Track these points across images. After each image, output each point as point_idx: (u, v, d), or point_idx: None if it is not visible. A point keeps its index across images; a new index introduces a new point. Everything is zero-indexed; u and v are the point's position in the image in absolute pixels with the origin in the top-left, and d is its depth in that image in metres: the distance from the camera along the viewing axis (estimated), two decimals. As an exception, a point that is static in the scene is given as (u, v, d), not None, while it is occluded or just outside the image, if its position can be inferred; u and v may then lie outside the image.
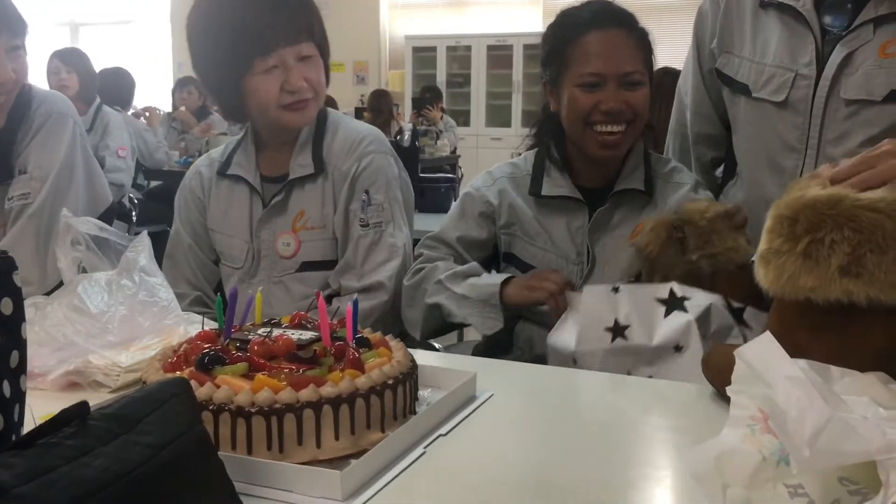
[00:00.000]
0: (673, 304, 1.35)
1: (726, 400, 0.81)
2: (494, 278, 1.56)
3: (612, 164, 1.63)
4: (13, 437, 0.71)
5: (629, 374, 1.34)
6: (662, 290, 1.36)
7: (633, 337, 1.35)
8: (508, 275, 1.57)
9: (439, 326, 1.64)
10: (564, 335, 1.40)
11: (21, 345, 0.73)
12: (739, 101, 1.64)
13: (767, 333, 0.80)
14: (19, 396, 0.72)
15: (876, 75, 1.46)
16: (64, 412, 0.63)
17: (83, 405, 0.64)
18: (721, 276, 1.38)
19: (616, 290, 1.37)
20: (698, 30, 1.75)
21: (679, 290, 1.36)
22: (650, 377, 1.32)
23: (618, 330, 1.35)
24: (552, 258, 1.63)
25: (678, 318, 1.33)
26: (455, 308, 1.55)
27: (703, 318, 1.34)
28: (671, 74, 4.13)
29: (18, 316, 0.73)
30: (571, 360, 1.38)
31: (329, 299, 1.65)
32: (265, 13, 1.58)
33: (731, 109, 1.69)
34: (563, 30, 1.60)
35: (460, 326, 1.70)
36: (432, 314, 1.61)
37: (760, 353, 0.76)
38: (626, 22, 1.58)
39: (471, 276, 1.58)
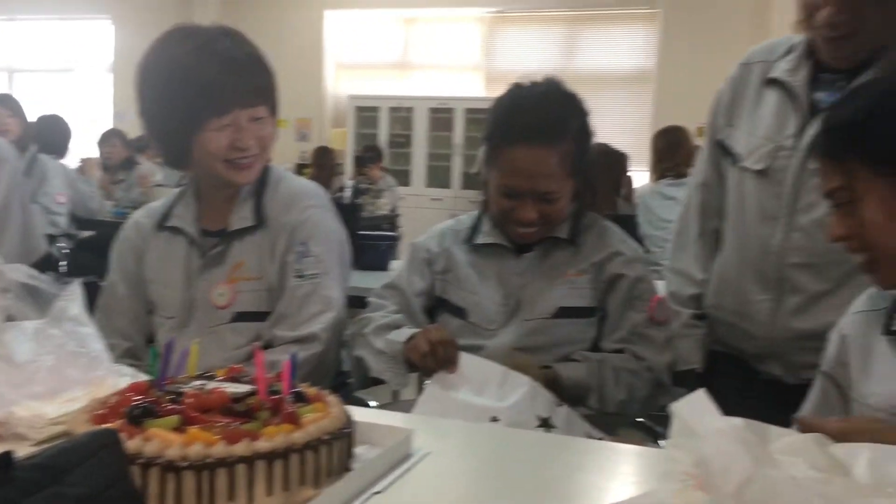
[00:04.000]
0: (544, 423, 1.47)
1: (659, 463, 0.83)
2: (403, 334, 1.61)
3: None
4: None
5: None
6: (544, 409, 1.47)
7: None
8: (415, 330, 1.61)
9: (367, 379, 1.70)
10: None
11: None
12: (731, 170, 1.70)
13: (700, 390, 0.82)
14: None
15: None
16: (-13, 462, 0.61)
17: (6, 455, 0.63)
18: None
19: (506, 375, 1.50)
20: (713, 107, 1.80)
21: (555, 418, 1.47)
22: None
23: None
24: (480, 300, 1.71)
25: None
26: (373, 363, 1.64)
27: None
28: (606, 154, 4.29)
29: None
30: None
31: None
32: (223, 74, 1.59)
33: (727, 179, 1.73)
34: (499, 132, 1.67)
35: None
36: (359, 366, 1.70)
37: (694, 408, 0.78)
38: (555, 135, 1.62)
39: (393, 330, 1.65)
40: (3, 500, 0.59)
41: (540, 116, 1.63)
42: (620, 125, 8.44)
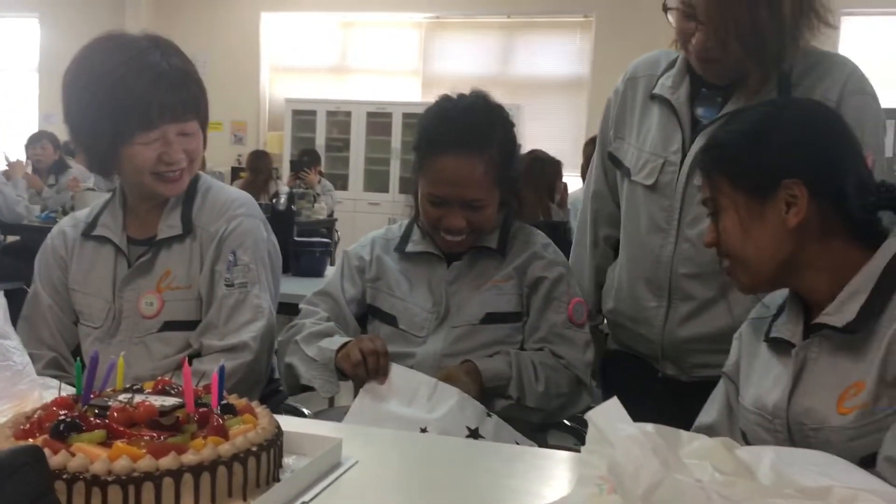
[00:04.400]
0: (473, 434, 1.50)
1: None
2: (336, 342, 1.63)
3: None
4: None
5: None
6: (473, 420, 1.50)
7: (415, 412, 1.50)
8: (347, 339, 1.64)
9: (297, 386, 1.69)
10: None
11: None
12: (623, 183, 1.77)
13: (614, 398, 0.86)
14: None
15: None
16: None
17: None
18: None
19: (435, 386, 1.52)
20: (603, 118, 1.87)
21: (484, 428, 1.49)
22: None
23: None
24: (410, 307, 1.74)
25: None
26: (304, 370, 1.64)
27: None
28: (540, 161, 4.35)
29: None
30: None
31: (190, 359, 1.63)
32: (152, 87, 1.58)
33: (620, 191, 1.81)
34: (425, 141, 1.71)
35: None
36: (288, 372, 1.69)
37: (606, 415, 0.82)
38: (480, 145, 1.66)
39: (325, 337, 1.66)
40: (-79, 521, 0.59)
41: (466, 126, 1.68)
42: (556, 131, 8.59)
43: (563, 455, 1.27)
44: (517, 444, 1.50)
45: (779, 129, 1.24)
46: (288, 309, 1.92)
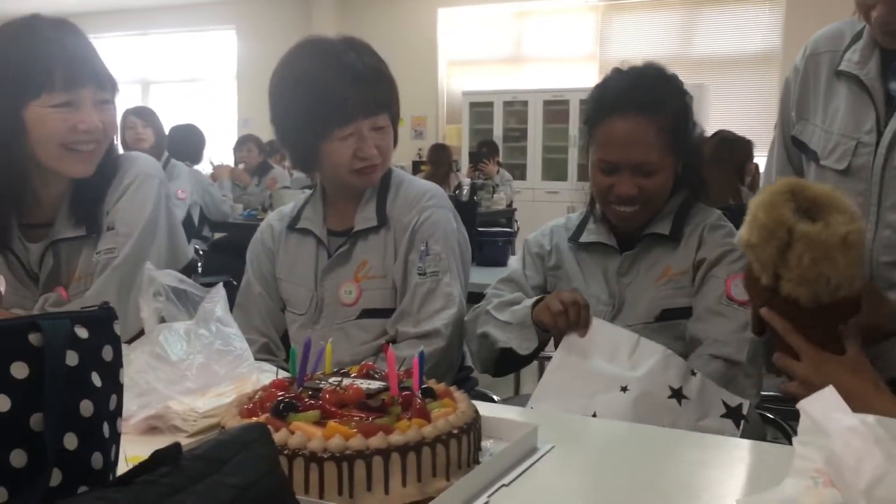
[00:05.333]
0: (676, 394, 1.43)
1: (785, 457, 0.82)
2: (529, 302, 1.64)
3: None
4: (111, 475, 0.76)
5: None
6: (676, 379, 1.44)
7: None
8: (540, 297, 1.63)
9: (492, 357, 1.70)
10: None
11: (119, 389, 0.79)
12: (811, 168, 1.65)
13: (830, 387, 0.82)
14: (116, 437, 0.78)
15: None
16: (158, 453, 0.68)
17: (176, 447, 0.70)
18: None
19: (637, 342, 1.48)
20: (783, 99, 1.75)
21: (687, 388, 1.42)
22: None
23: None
24: (587, 298, 1.68)
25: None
26: (499, 334, 1.64)
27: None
28: (728, 141, 4.15)
29: (117, 362, 0.79)
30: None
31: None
32: (348, 85, 1.68)
33: (806, 176, 1.68)
34: (594, 108, 1.69)
35: (517, 361, 1.71)
36: (483, 343, 1.70)
37: (822, 405, 0.78)
38: (651, 106, 1.62)
39: (515, 305, 1.67)
40: (174, 487, 0.66)
41: (636, 89, 1.64)
42: (745, 110, 8.18)
43: (767, 446, 1.22)
44: (724, 403, 1.42)
45: None
46: (473, 298, 1.96)
